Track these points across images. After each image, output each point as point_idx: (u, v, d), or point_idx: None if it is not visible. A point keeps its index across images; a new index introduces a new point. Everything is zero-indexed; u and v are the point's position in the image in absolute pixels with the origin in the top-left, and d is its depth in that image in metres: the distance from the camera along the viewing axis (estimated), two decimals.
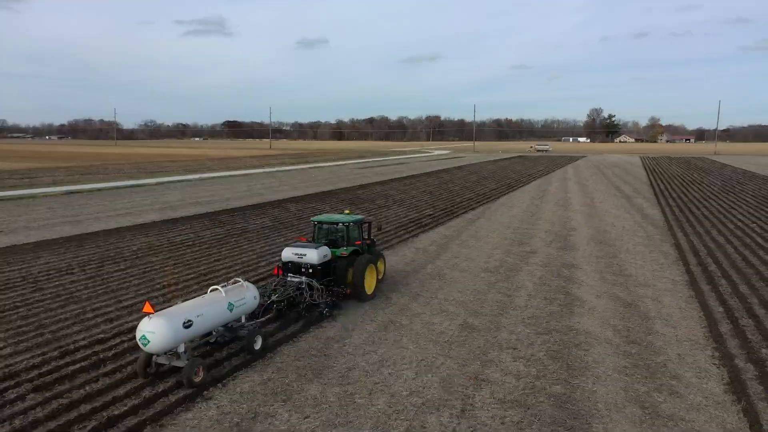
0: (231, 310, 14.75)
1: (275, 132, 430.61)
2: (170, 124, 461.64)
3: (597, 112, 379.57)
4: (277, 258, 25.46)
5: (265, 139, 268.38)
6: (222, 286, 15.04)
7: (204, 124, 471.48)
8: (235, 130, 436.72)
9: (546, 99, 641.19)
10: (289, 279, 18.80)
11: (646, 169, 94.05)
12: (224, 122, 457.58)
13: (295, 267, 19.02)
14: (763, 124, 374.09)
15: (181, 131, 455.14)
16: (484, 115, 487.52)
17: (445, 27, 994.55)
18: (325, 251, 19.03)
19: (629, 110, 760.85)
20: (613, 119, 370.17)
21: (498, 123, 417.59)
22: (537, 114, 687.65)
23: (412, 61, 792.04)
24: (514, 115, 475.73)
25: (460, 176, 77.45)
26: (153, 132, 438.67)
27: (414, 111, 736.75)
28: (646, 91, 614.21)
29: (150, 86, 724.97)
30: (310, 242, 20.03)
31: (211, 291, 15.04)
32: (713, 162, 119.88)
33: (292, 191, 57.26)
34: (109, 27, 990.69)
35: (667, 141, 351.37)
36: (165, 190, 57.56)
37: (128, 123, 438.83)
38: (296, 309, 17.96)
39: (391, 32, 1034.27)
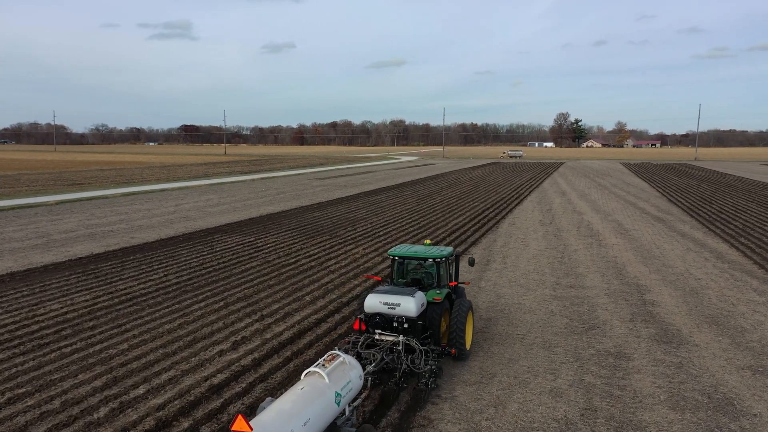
0: (338, 403, 10.26)
1: (234, 137, 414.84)
2: (123, 129, 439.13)
3: (564, 116, 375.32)
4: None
5: (223, 144, 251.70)
6: (322, 367, 10.33)
7: (160, 128, 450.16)
8: (192, 134, 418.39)
9: (510, 104, 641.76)
10: (378, 338, 14.33)
11: (641, 177, 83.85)
12: (181, 126, 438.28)
13: (383, 320, 14.45)
14: (720, 129, 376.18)
15: (135, 135, 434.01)
16: (450, 120, 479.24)
17: (412, 33, 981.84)
18: (422, 299, 14.81)
19: (591, 115, 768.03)
20: (580, 124, 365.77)
21: (464, 128, 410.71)
22: (502, 119, 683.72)
23: (379, 66, 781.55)
24: (479, 120, 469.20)
25: (437, 189, 65.48)
26: (105, 136, 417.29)
27: (378, 115, 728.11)
28: (606, 96, 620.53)
29: (108, 90, 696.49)
30: (394, 285, 15.89)
31: (306, 375, 10.37)
32: (701, 168, 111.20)
33: (230, 213, 44.25)
34: (71, 29, 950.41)
35: (634, 146, 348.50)
36: (63, 213, 43.84)
37: (79, 127, 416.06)
38: (391, 379, 13.64)
39: (358, 37, 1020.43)
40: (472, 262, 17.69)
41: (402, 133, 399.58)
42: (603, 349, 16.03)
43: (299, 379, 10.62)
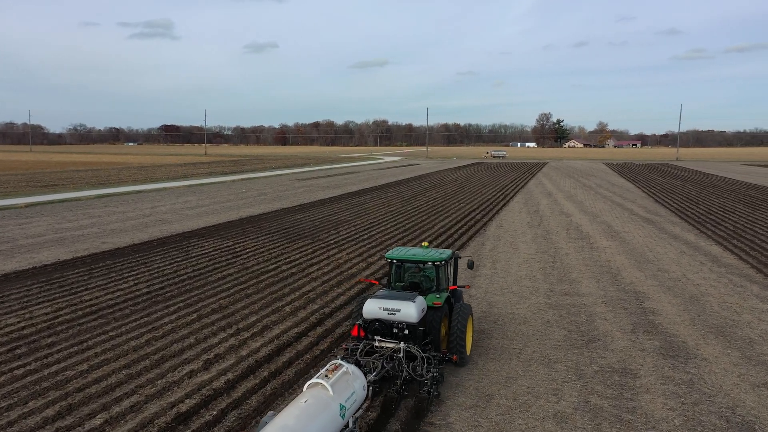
0: (343, 416, 9.87)
1: (216, 137, 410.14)
2: (102, 129, 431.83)
3: (546, 117, 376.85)
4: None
5: (203, 144, 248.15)
6: (325, 378, 9.94)
7: (140, 128, 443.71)
8: (172, 134, 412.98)
9: (492, 104, 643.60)
10: (378, 344, 13.62)
11: (625, 177, 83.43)
12: (161, 126, 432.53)
13: (383, 326, 13.70)
14: (699, 129, 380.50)
15: (114, 135, 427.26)
16: (432, 120, 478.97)
17: (395, 33, 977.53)
18: (423, 304, 14.15)
19: (572, 116, 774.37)
20: (562, 124, 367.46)
21: (446, 128, 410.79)
22: (484, 119, 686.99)
23: (362, 66, 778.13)
24: (461, 120, 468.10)
25: (422, 190, 64.30)
26: (83, 136, 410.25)
27: (361, 115, 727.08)
28: (587, 97, 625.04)
29: (87, 89, 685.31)
30: (392, 289, 15.47)
31: (309, 386, 9.93)
32: (684, 168, 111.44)
33: (208, 216, 42.60)
34: (48, 27, 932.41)
35: (615, 146, 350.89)
36: (32, 216, 41.87)
37: (57, 127, 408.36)
38: (392, 387, 12.92)
39: (342, 38, 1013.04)
40: (471, 265, 17.18)
41: (385, 134, 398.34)
42: (607, 365, 14.86)
43: (301, 391, 10.14)
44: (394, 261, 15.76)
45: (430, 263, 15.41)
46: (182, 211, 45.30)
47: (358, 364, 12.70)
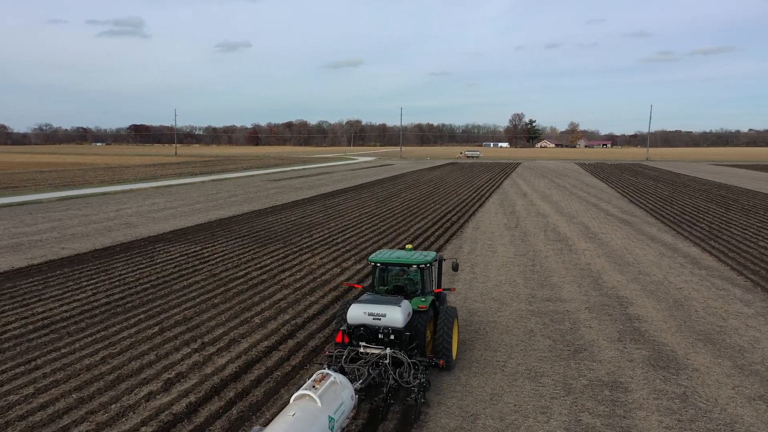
0: (332, 428, 9.51)
1: (187, 137, 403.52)
2: (69, 128, 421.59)
3: (519, 117, 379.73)
4: None
5: (174, 144, 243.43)
6: (312, 389, 9.66)
7: (108, 128, 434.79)
8: (142, 134, 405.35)
9: (465, 105, 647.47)
10: (363, 351, 13.11)
11: (598, 177, 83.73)
12: (130, 126, 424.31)
13: (368, 332, 13.22)
14: (667, 129, 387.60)
15: (82, 135, 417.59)
16: (406, 120, 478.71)
17: (369, 34, 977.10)
18: (409, 308, 13.75)
19: (544, 116, 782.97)
20: (534, 125, 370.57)
21: (420, 128, 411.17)
22: (457, 119, 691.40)
23: (336, 66, 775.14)
24: (435, 121, 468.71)
25: (396, 191, 63.40)
26: (49, 136, 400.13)
27: (335, 115, 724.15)
28: (559, 97, 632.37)
29: (54, 88, 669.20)
30: (375, 293, 15.12)
31: (296, 398, 9.67)
32: (655, 168, 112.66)
33: (176, 219, 41.04)
34: (13, 24, 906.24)
35: (586, 146, 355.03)
36: None
37: (21, 127, 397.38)
38: (378, 395, 12.26)
39: (316, 37, 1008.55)
40: (455, 267, 17.16)
41: (358, 134, 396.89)
42: (596, 378, 14.06)
43: (288, 403, 9.80)
44: (378, 264, 15.39)
45: (415, 266, 14.94)
46: (149, 214, 43.62)
47: (343, 371, 12.21)
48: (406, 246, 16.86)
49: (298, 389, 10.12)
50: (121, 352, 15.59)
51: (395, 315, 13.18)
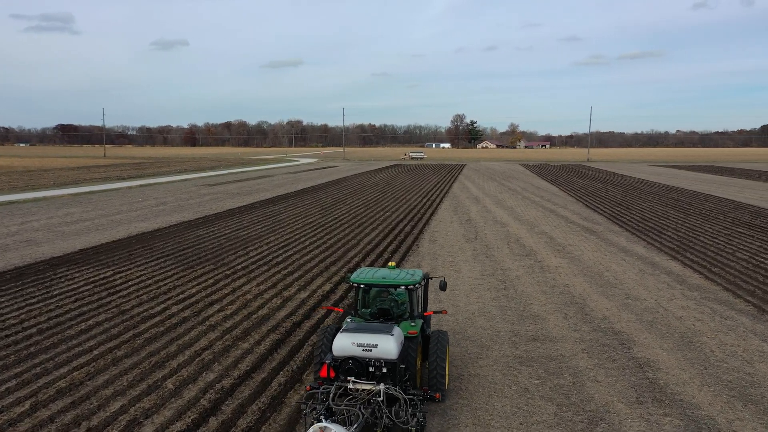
0: None
1: (119, 137, 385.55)
2: None
3: (460, 118, 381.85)
4: None
5: (105, 145, 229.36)
6: None
7: (33, 127, 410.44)
8: (70, 134, 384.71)
9: (407, 106, 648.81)
10: (352, 386, 11.45)
11: (546, 179, 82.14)
12: (57, 126, 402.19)
13: (358, 365, 11.58)
14: (601, 130, 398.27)
15: (3, 136, 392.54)
16: (348, 121, 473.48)
17: (309, 33, 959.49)
18: (401, 335, 12.43)
19: (485, 117, 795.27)
20: (475, 125, 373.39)
21: (362, 128, 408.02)
22: (399, 120, 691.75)
23: (275, 65, 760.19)
24: (377, 121, 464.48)
25: (341, 196, 59.27)
26: None
27: (275, 116, 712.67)
28: (498, 99, 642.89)
29: None
30: (358, 316, 13.87)
31: None
32: (598, 170, 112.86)
33: (90, 233, 35.58)
34: None
35: (526, 146, 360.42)
36: None
37: None
38: None
39: (254, 36, 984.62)
40: (443, 286, 15.35)
41: (300, 134, 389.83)
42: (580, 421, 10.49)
43: None
44: (361, 285, 13.91)
45: (403, 287, 13.57)
46: (58, 228, 37.90)
47: (330, 411, 10.83)
48: (389, 264, 15.14)
49: None
50: None
51: (388, 345, 11.73)
